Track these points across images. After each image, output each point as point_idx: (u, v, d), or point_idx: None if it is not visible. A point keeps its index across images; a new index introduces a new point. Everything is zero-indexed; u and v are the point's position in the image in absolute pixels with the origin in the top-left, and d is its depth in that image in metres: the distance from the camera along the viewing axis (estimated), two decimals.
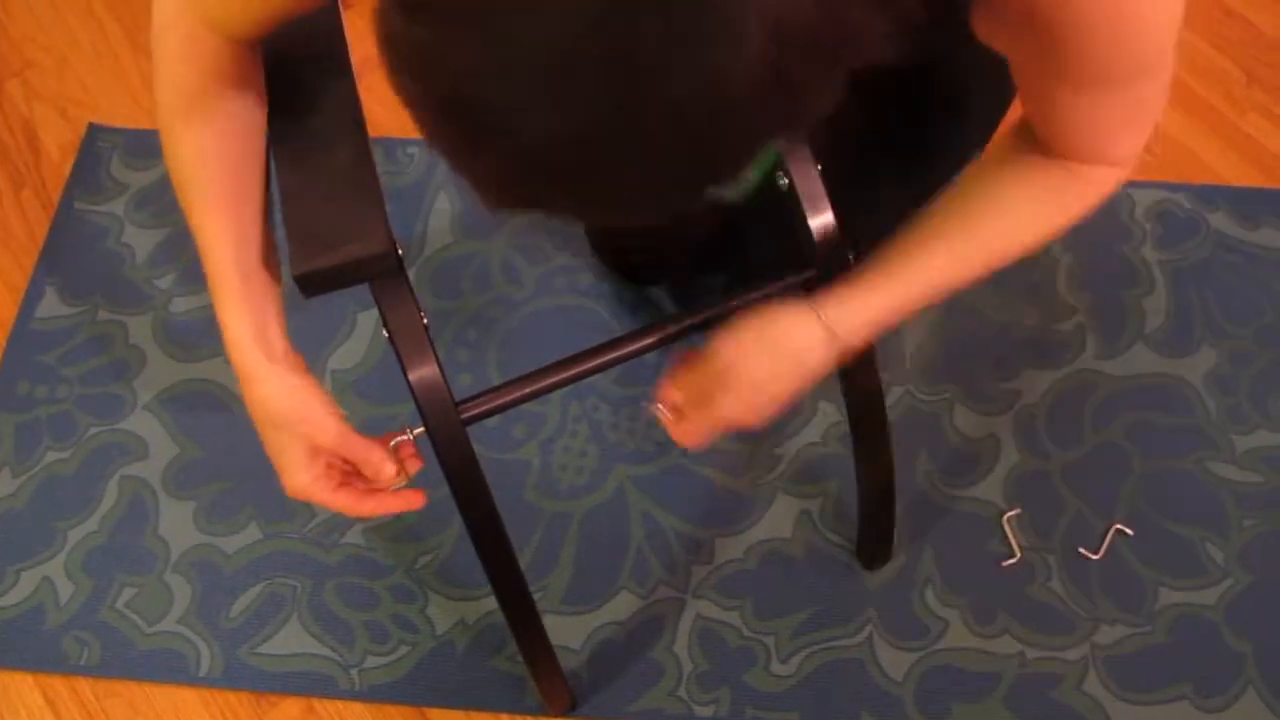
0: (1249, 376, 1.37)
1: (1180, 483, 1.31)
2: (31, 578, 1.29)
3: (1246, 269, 1.44)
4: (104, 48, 1.67)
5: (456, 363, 1.39)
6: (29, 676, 1.24)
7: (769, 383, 0.88)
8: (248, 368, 0.83)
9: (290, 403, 0.83)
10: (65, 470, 1.35)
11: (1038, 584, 1.26)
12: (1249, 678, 1.21)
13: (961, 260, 0.88)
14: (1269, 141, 1.54)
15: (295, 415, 0.83)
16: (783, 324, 0.88)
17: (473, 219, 1.49)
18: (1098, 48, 0.70)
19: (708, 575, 1.27)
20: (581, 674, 1.22)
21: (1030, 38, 0.71)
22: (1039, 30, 0.70)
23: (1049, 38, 0.70)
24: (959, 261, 0.88)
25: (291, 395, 0.84)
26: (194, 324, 1.43)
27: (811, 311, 0.87)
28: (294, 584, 1.28)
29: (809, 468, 1.33)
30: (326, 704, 1.22)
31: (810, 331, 0.87)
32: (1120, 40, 0.70)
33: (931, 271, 0.88)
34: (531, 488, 1.32)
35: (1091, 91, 0.75)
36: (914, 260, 0.88)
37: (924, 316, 1.41)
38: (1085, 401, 1.36)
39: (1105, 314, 1.41)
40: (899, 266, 0.88)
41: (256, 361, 0.83)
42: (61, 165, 1.56)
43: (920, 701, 1.20)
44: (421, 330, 0.86)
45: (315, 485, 0.86)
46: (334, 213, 0.81)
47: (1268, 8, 1.65)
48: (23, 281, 1.47)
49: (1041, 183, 0.85)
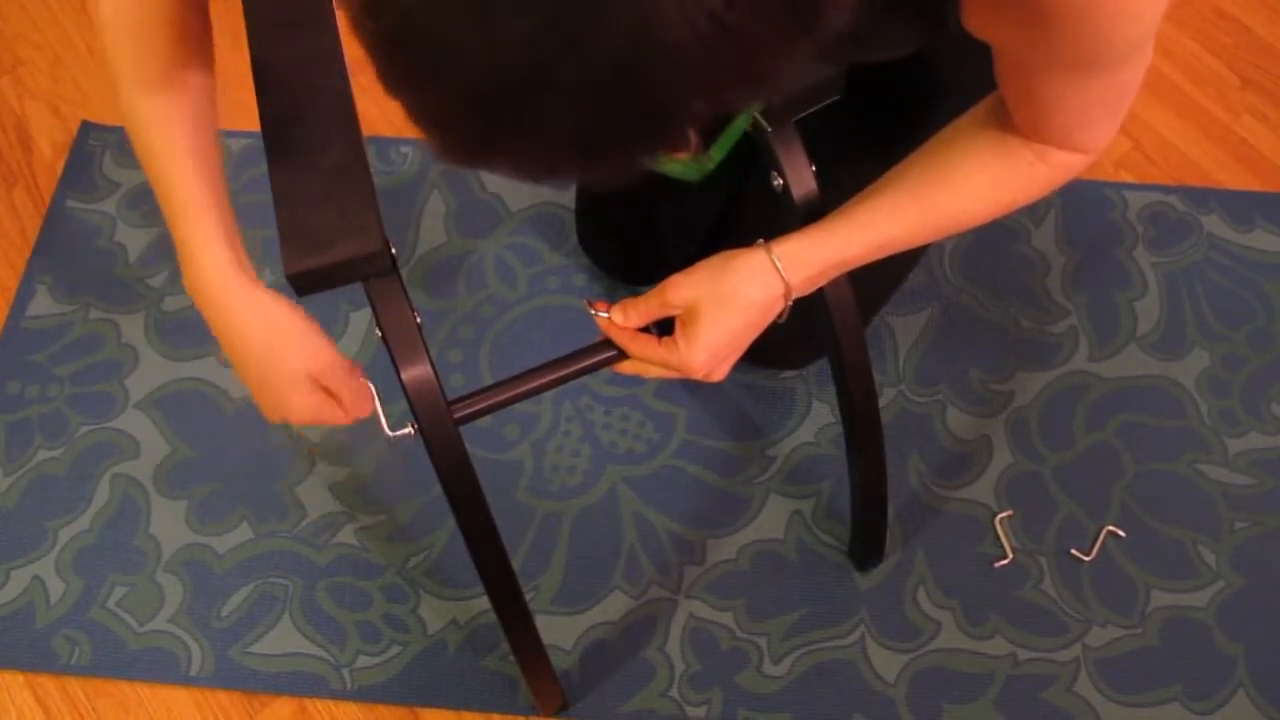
0: (1241, 379, 1.37)
1: (1172, 485, 1.31)
2: (22, 577, 1.28)
3: (1239, 272, 1.44)
4: (96, 46, 1.67)
5: (449, 362, 1.39)
6: (19, 676, 1.24)
7: (725, 334, 0.89)
8: (231, 292, 0.82)
9: (284, 325, 0.83)
10: (56, 469, 1.34)
11: (1030, 585, 1.26)
12: (1240, 680, 1.21)
13: (918, 224, 0.89)
14: (1262, 144, 1.54)
15: (291, 336, 0.83)
16: (740, 275, 0.88)
17: (466, 219, 1.49)
18: (1094, 28, 0.70)
19: (700, 576, 1.27)
20: (573, 674, 1.22)
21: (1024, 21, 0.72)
22: (1034, 14, 0.70)
23: (1044, 22, 0.70)
24: (915, 225, 0.89)
25: (285, 318, 0.84)
26: (186, 323, 1.43)
27: (768, 261, 0.88)
28: (285, 584, 1.27)
29: (801, 468, 1.33)
30: (318, 704, 1.22)
31: (768, 284, 0.88)
32: (1116, 22, 0.70)
33: (889, 230, 0.88)
34: (524, 488, 1.32)
35: (1079, 75, 0.76)
36: (875, 217, 0.88)
37: (917, 318, 1.41)
38: (1077, 403, 1.36)
39: (1098, 316, 1.42)
40: (859, 221, 0.88)
41: (241, 285, 0.83)
42: (53, 163, 1.56)
43: (912, 702, 1.21)
44: (414, 330, 0.86)
45: (324, 406, 0.87)
46: (327, 212, 0.81)
47: (1261, 11, 1.66)
48: (14, 280, 1.47)
49: (1010, 162, 0.86)
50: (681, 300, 0.89)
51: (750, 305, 0.88)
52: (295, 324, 0.86)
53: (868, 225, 0.88)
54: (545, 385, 0.92)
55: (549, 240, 1.47)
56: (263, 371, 0.86)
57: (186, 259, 0.84)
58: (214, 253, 0.83)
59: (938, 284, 1.44)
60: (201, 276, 0.83)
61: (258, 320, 0.84)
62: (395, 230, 1.48)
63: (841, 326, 0.99)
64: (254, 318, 0.83)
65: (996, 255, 1.46)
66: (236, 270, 0.83)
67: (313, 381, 0.87)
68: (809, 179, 0.94)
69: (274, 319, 0.85)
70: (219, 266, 0.83)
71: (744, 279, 0.88)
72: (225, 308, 0.83)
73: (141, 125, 0.84)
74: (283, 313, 0.85)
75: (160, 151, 0.83)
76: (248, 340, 0.85)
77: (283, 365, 0.85)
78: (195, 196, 0.83)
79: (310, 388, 0.87)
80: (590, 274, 1.44)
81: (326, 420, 0.90)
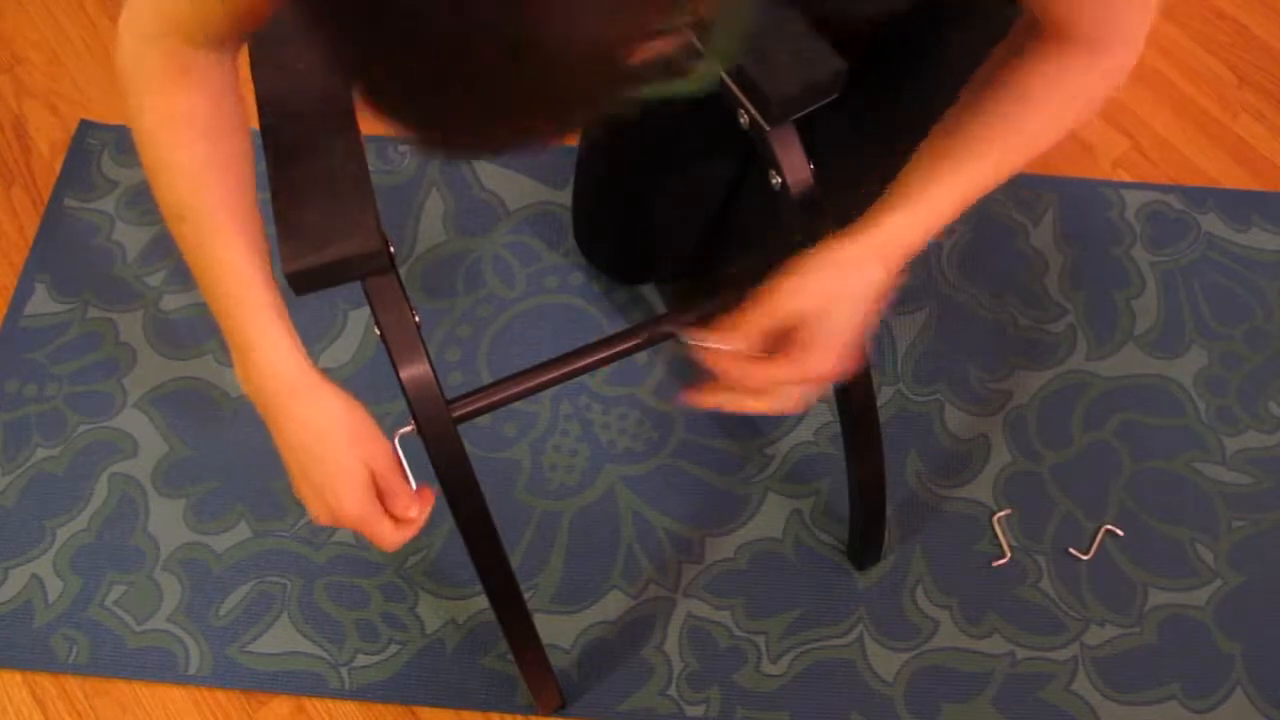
0: (1239, 378, 1.38)
1: (1170, 484, 1.32)
2: (20, 576, 1.28)
3: (1236, 271, 1.44)
4: (95, 44, 1.67)
5: (447, 361, 1.39)
6: (17, 675, 1.24)
7: (848, 332, 0.85)
8: (298, 384, 0.79)
9: (350, 421, 0.81)
10: (55, 468, 1.34)
11: (1028, 584, 1.26)
12: (1238, 678, 1.21)
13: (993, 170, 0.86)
14: (1259, 144, 1.54)
15: (356, 436, 0.81)
16: (848, 271, 0.84)
17: (465, 218, 1.49)
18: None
19: (698, 575, 1.27)
20: (571, 673, 1.22)
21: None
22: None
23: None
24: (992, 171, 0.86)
25: (351, 414, 0.81)
26: (184, 321, 1.43)
27: (871, 249, 0.85)
28: (284, 582, 1.27)
29: (800, 467, 1.33)
30: (316, 703, 1.22)
31: (875, 271, 0.85)
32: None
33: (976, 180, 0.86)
34: (522, 487, 1.32)
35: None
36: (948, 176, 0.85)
37: (915, 317, 1.41)
38: (1076, 402, 1.36)
39: (1096, 315, 1.42)
40: (935, 185, 0.86)
41: (308, 378, 0.80)
42: (52, 162, 1.56)
43: (910, 701, 1.21)
44: (413, 329, 0.86)
45: (374, 512, 0.82)
46: (325, 210, 0.81)
47: (1259, 10, 1.66)
48: (12, 279, 1.47)
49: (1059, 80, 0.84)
50: (794, 308, 0.84)
51: (865, 296, 0.85)
52: (359, 417, 0.82)
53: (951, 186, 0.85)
54: (544, 384, 0.92)
55: (547, 239, 1.47)
56: (319, 464, 0.81)
57: (244, 350, 0.80)
58: (277, 341, 0.79)
59: (936, 283, 1.44)
60: (258, 366, 0.79)
61: (319, 414, 0.80)
62: (393, 229, 1.48)
63: None
64: (316, 413, 0.80)
65: (995, 254, 1.46)
66: (305, 367, 0.80)
67: (368, 479, 0.83)
68: (808, 178, 0.94)
69: (337, 412, 0.81)
70: (282, 355, 0.79)
71: (853, 273, 0.85)
72: (289, 397, 0.80)
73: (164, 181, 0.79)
74: (348, 406, 0.82)
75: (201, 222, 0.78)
76: (306, 432, 0.80)
77: (342, 456, 0.81)
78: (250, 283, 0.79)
79: (365, 484, 0.82)
80: (589, 273, 1.44)
81: (371, 531, 0.84)
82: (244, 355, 0.80)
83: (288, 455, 0.83)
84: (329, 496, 0.82)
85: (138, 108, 0.79)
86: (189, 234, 0.80)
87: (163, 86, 0.79)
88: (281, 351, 0.80)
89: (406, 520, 0.85)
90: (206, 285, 0.80)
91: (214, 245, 0.79)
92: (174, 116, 0.79)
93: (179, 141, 0.79)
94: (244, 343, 0.80)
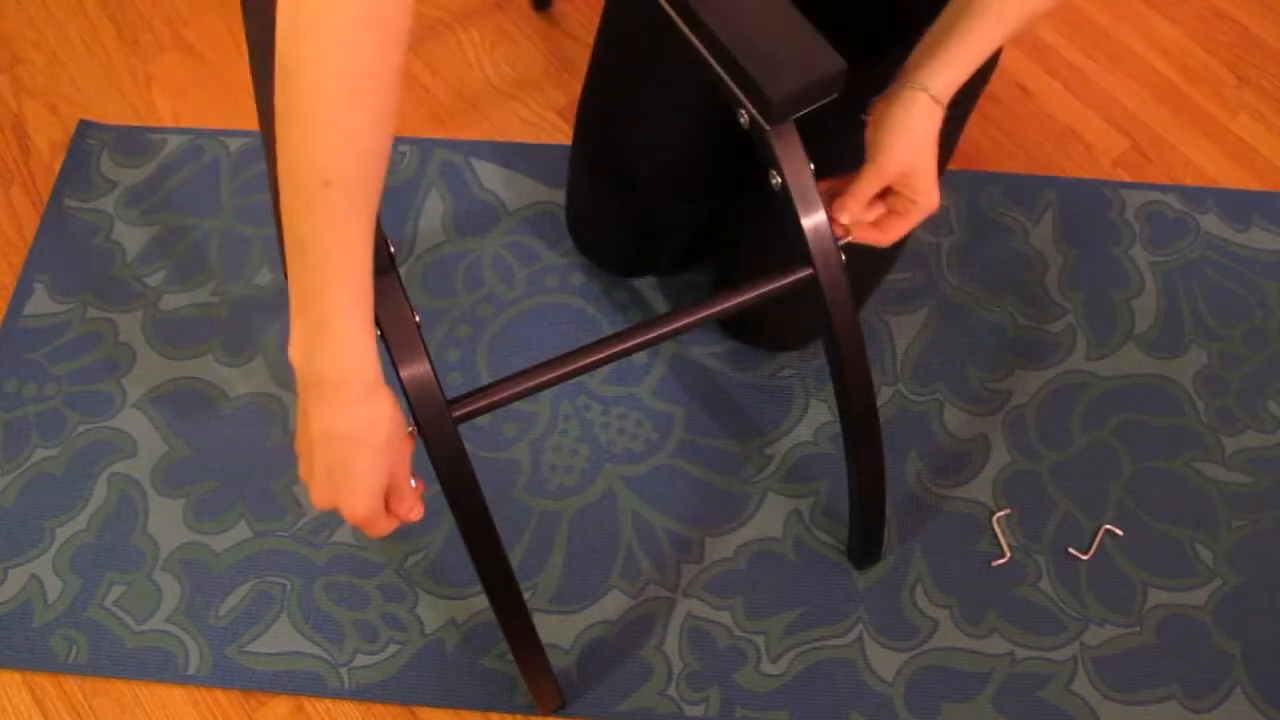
0: (1238, 378, 1.38)
1: (1170, 483, 1.32)
2: (19, 576, 1.28)
3: (1236, 270, 1.44)
4: (95, 44, 1.67)
5: (447, 361, 1.39)
6: (16, 675, 1.24)
7: (935, 168, 0.98)
8: (363, 379, 0.79)
9: (391, 426, 0.81)
10: (54, 468, 1.34)
11: (1027, 584, 1.26)
12: (1237, 678, 1.21)
13: None
14: (1259, 143, 1.54)
15: (391, 439, 0.82)
16: (919, 119, 0.96)
17: (464, 218, 1.49)
18: None
19: (698, 574, 1.27)
20: (571, 673, 1.22)
21: None
22: None
23: None
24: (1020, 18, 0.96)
25: (395, 420, 0.82)
26: (184, 321, 1.43)
27: (928, 100, 0.96)
28: (283, 582, 1.27)
29: (799, 467, 1.33)
30: (316, 703, 1.22)
31: (935, 113, 0.96)
32: None
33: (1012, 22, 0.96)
34: (522, 487, 1.32)
35: None
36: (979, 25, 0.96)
37: (915, 317, 1.41)
38: (1075, 402, 1.36)
39: (1095, 314, 1.42)
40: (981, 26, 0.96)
41: (374, 375, 0.79)
42: (51, 162, 1.56)
43: (910, 701, 1.21)
44: (413, 328, 0.86)
45: (380, 513, 0.85)
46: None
47: (1258, 9, 1.66)
48: (11, 279, 1.47)
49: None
50: (897, 166, 0.97)
51: (935, 135, 0.97)
52: (400, 422, 0.83)
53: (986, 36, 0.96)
54: (544, 384, 0.92)
55: (546, 239, 1.47)
56: (348, 461, 0.81)
57: (319, 327, 0.77)
58: (363, 337, 0.78)
59: (935, 282, 1.44)
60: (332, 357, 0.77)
61: (369, 413, 0.80)
62: (393, 229, 1.48)
63: (840, 326, 0.99)
64: (366, 410, 0.79)
65: (994, 254, 1.46)
66: (375, 365, 0.79)
67: (385, 483, 0.84)
68: (807, 177, 0.94)
69: (384, 416, 0.81)
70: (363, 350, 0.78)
71: (922, 120, 0.96)
72: (358, 392, 0.79)
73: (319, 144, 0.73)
74: (394, 411, 0.82)
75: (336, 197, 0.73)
76: (349, 426, 0.80)
77: (373, 458, 0.81)
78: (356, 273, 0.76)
79: (383, 488, 0.84)
80: (588, 273, 1.44)
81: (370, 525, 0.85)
82: (317, 333, 0.77)
83: (317, 441, 0.81)
84: (344, 493, 0.82)
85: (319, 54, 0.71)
86: (333, 199, 0.73)
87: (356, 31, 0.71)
88: (361, 343, 0.78)
89: (408, 519, 0.87)
90: (314, 253, 0.75)
91: (349, 221, 0.75)
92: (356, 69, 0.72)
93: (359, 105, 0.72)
94: (322, 320, 0.77)
